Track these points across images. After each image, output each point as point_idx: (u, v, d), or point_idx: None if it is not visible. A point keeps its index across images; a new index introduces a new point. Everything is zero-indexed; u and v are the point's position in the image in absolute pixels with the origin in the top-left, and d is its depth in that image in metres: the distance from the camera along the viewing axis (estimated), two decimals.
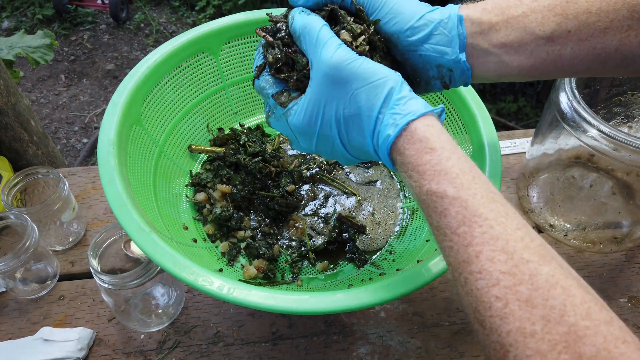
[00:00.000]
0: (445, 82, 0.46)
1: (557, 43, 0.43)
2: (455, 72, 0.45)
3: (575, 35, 0.42)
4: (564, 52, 0.43)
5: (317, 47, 0.40)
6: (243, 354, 0.60)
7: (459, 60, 0.44)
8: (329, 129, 0.42)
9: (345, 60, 0.39)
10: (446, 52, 0.44)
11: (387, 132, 0.38)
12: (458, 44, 0.43)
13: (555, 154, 0.71)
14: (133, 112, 0.59)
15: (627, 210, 0.68)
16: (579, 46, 0.43)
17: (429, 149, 0.36)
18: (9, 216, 0.62)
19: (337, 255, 0.65)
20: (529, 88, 2.21)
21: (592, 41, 0.42)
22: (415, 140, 0.37)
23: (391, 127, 0.38)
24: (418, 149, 0.37)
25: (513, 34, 0.43)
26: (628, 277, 0.68)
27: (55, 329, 0.60)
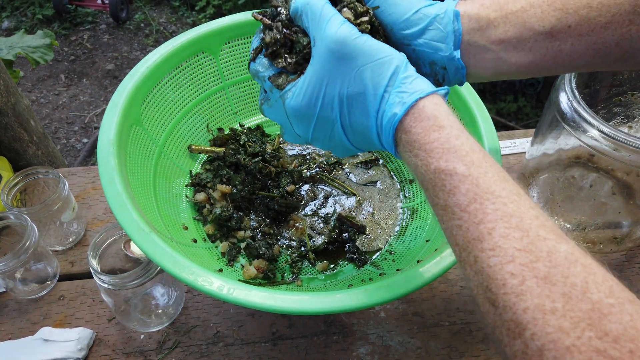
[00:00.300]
0: (438, 80, 0.45)
1: (556, 38, 0.42)
2: (449, 70, 0.44)
3: (576, 30, 0.42)
4: (563, 48, 0.42)
5: (320, 23, 0.39)
6: (243, 354, 0.60)
7: (452, 57, 0.43)
8: (330, 109, 0.41)
9: (351, 36, 0.38)
10: (440, 48, 0.43)
11: (393, 111, 0.37)
12: (453, 40, 0.43)
13: (555, 154, 0.70)
14: (133, 112, 0.59)
15: (627, 210, 0.68)
16: (579, 41, 0.42)
17: (438, 127, 0.35)
18: (9, 216, 0.62)
19: (337, 256, 0.65)
20: (529, 88, 2.21)
21: (592, 36, 0.42)
22: (423, 118, 0.36)
23: (398, 106, 0.37)
24: (426, 127, 0.35)
25: (512, 30, 0.42)
26: (628, 277, 0.68)
27: (55, 329, 0.60)
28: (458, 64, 0.43)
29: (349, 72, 0.39)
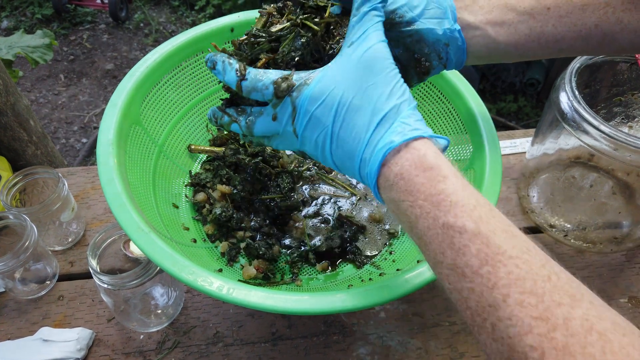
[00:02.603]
0: (441, 57, 0.47)
1: (537, 20, 0.45)
2: (451, 47, 0.46)
3: (555, 11, 0.44)
4: (545, 29, 0.45)
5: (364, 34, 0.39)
6: (243, 354, 0.60)
7: (454, 30, 0.45)
8: (327, 113, 0.39)
9: (385, 55, 0.38)
10: (443, 22, 0.45)
11: (391, 138, 0.36)
12: (451, 15, 0.45)
13: (555, 154, 0.70)
14: (132, 112, 0.59)
15: (627, 210, 0.68)
16: (560, 22, 0.45)
17: (443, 177, 0.34)
18: (8, 216, 0.62)
19: (337, 256, 0.65)
20: (529, 88, 2.21)
21: (571, 17, 0.44)
22: (425, 167, 0.34)
23: (398, 135, 0.36)
24: (430, 177, 0.34)
25: (495, 11, 0.45)
26: (628, 277, 0.68)
27: (55, 329, 0.60)
28: (459, 37, 0.45)
29: (362, 84, 0.38)
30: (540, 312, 0.28)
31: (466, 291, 0.31)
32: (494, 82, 2.27)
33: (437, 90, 0.66)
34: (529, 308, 0.28)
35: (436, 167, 0.34)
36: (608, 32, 0.44)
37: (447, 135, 0.65)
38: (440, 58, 0.47)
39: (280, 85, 0.41)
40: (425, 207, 0.33)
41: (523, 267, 0.29)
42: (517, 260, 0.30)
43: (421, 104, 0.69)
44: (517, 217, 0.75)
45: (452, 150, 0.65)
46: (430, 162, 0.34)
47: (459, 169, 0.49)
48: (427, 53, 0.46)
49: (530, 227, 0.73)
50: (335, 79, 0.39)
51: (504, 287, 0.29)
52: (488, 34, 0.45)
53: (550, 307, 0.28)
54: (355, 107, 0.38)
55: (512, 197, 0.77)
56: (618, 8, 0.44)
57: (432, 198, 0.33)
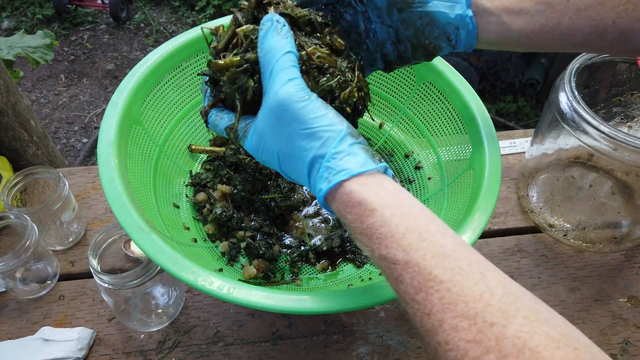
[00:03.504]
0: (450, 39, 0.47)
1: (556, 10, 0.44)
2: (462, 31, 0.46)
3: (574, 4, 0.44)
4: (562, 21, 0.44)
5: (270, 76, 0.39)
6: (243, 353, 0.60)
7: (466, 15, 0.45)
8: (270, 159, 0.41)
9: (290, 98, 0.37)
10: (455, 7, 0.45)
11: (320, 186, 0.37)
12: (464, 0, 0.45)
13: (554, 153, 0.71)
14: (133, 112, 0.59)
15: (626, 210, 0.68)
16: (577, 15, 0.44)
17: (370, 211, 0.34)
18: (9, 216, 0.62)
19: (337, 255, 0.65)
20: (529, 88, 2.21)
21: (589, 11, 0.44)
22: (354, 204, 0.35)
23: (324, 182, 0.37)
24: (359, 213, 0.35)
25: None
26: (627, 277, 0.68)
27: (55, 329, 0.60)
28: (470, 23, 0.45)
29: (284, 134, 0.38)
30: (474, 335, 0.28)
31: (411, 316, 0.32)
32: (494, 82, 2.27)
33: (437, 90, 0.66)
34: (462, 332, 0.29)
35: (363, 202, 0.35)
36: (625, 29, 0.44)
37: (447, 135, 0.66)
38: (449, 40, 0.47)
39: (229, 134, 0.44)
40: (363, 241, 0.35)
41: (454, 290, 0.30)
42: (448, 283, 0.30)
43: (421, 104, 0.69)
44: (517, 217, 0.75)
45: (451, 150, 0.65)
46: (356, 198, 0.35)
47: (459, 168, 0.49)
48: (436, 36, 0.47)
49: (530, 226, 0.73)
50: (263, 132, 0.40)
51: (439, 313, 0.30)
52: (503, 21, 0.45)
53: (482, 328, 0.28)
54: (288, 156, 0.39)
55: (511, 197, 0.77)
56: (638, 5, 0.43)
57: (365, 232, 0.35)
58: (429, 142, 0.69)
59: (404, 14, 0.46)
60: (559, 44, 0.46)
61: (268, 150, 0.41)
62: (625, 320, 0.63)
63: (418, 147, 0.71)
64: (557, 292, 0.66)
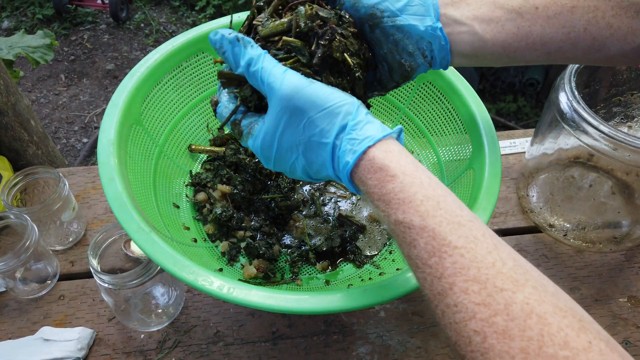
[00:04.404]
0: (426, 55, 0.46)
1: (525, 19, 0.44)
2: (435, 45, 0.45)
3: (543, 11, 0.44)
4: (534, 29, 0.44)
5: (265, 82, 0.40)
6: (243, 353, 0.60)
7: (436, 27, 0.45)
8: (289, 154, 0.41)
9: (297, 87, 0.38)
10: (425, 19, 0.45)
11: (345, 159, 0.38)
12: (433, 13, 0.45)
13: (554, 153, 0.71)
14: (133, 112, 0.59)
15: (626, 210, 0.68)
16: (548, 23, 0.44)
17: (390, 177, 0.35)
18: (9, 216, 0.62)
19: (337, 255, 0.65)
20: (529, 88, 2.21)
21: (560, 19, 0.44)
22: (375, 169, 0.36)
23: (349, 154, 0.37)
24: (379, 178, 0.36)
25: (483, 7, 0.45)
26: (627, 277, 0.68)
27: (55, 329, 0.60)
28: (442, 35, 0.45)
29: (300, 123, 0.39)
30: (483, 298, 0.29)
31: (421, 280, 0.33)
32: (494, 82, 2.27)
33: (437, 90, 0.66)
34: (472, 295, 0.30)
35: (384, 168, 0.36)
36: (597, 37, 0.44)
37: (447, 135, 0.66)
38: (424, 57, 0.46)
39: (233, 129, 0.44)
40: (380, 206, 0.36)
41: (467, 256, 0.31)
42: (462, 249, 0.31)
43: (421, 104, 0.69)
44: (517, 216, 0.75)
45: (451, 150, 0.65)
46: (378, 164, 0.36)
47: (459, 168, 0.49)
48: (410, 52, 0.46)
49: (530, 226, 0.73)
50: (278, 129, 0.40)
51: (450, 277, 0.31)
52: (475, 31, 0.45)
53: (492, 293, 0.29)
54: (308, 145, 0.40)
55: (511, 197, 0.77)
56: (607, 12, 0.43)
57: (383, 197, 0.36)
58: (429, 142, 0.69)
59: (376, 31, 0.46)
60: (535, 55, 0.46)
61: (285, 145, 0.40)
62: (625, 320, 0.63)
63: (418, 147, 0.71)
64: None
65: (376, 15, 0.45)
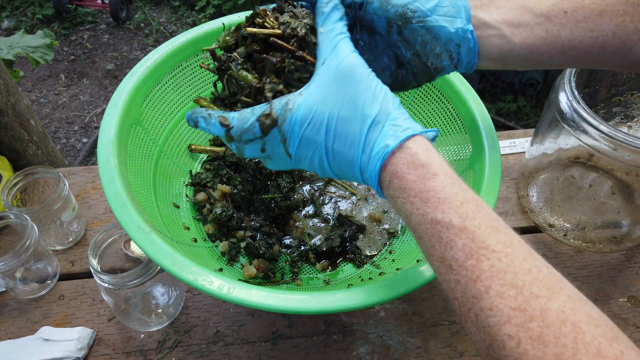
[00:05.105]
0: (452, 57, 0.46)
1: (554, 23, 0.44)
2: (463, 48, 0.45)
3: (572, 16, 0.44)
4: (562, 33, 0.44)
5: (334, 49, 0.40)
6: (243, 353, 0.60)
7: (467, 30, 0.44)
8: (316, 132, 0.39)
9: (358, 65, 0.39)
10: (455, 21, 0.44)
11: (385, 142, 0.37)
12: (464, 14, 0.44)
13: (554, 153, 0.71)
14: (133, 111, 0.59)
15: (626, 210, 0.69)
16: (577, 27, 0.44)
17: (432, 175, 0.35)
18: (9, 216, 0.62)
19: (337, 255, 0.65)
20: (529, 88, 2.21)
21: (588, 23, 0.43)
22: (417, 165, 0.36)
23: (391, 138, 0.37)
24: (420, 175, 0.35)
25: (512, 11, 0.45)
26: (627, 277, 0.68)
27: (55, 329, 0.60)
28: (472, 38, 0.45)
29: (345, 95, 0.39)
30: (519, 304, 0.29)
31: (453, 282, 0.33)
32: (494, 82, 2.27)
33: (437, 90, 0.66)
34: (508, 299, 0.30)
35: (426, 165, 0.36)
36: (626, 42, 0.43)
37: (447, 135, 0.66)
38: (451, 59, 0.46)
39: (264, 123, 0.41)
40: (416, 204, 0.35)
41: (505, 261, 0.31)
42: (500, 254, 0.31)
43: (421, 104, 0.69)
44: (517, 216, 0.75)
45: (451, 150, 0.65)
46: (421, 160, 0.36)
47: (459, 168, 0.50)
48: (438, 54, 0.46)
49: (530, 226, 0.73)
50: (317, 99, 0.39)
51: (487, 280, 0.31)
52: (504, 34, 0.45)
53: (529, 299, 0.29)
54: (344, 119, 0.39)
55: (511, 197, 0.77)
56: (636, 17, 0.43)
57: (421, 195, 0.35)
58: None
59: (404, 32, 0.45)
60: (562, 58, 0.46)
61: (318, 118, 0.39)
62: (625, 320, 0.63)
63: None
64: None
65: (406, 15, 0.44)
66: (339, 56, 0.39)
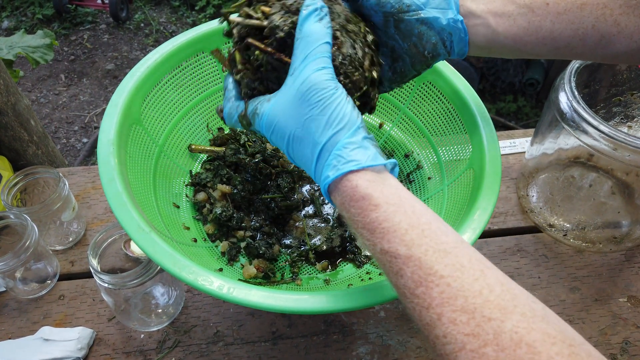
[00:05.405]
0: (446, 45, 0.48)
1: (537, 14, 0.46)
2: (455, 37, 0.47)
3: (553, 7, 0.45)
4: (544, 24, 0.46)
5: (304, 61, 0.39)
6: (243, 353, 0.60)
7: (457, 20, 0.46)
8: (279, 140, 0.41)
9: (320, 84, 0.38)
10: (447, 12, 0.46)
11: (327, 173, 0.38)
12: (454, 6, 0.46)
13: (554, 153, 0.71)
14: (133, 111, 0.59)
15: (626, 210, 0.69)
16: (558, 19, 0.45)
17: (374, 206, 0.35)
18: (9, 216, 0.62)
19: (337, 255, 0.65)
20: (529, 88, 2.21)
21: (569, 15, 0.45)
22: (358, 198, 0.36)
23: (332, 170, 0.37)
24: (362, 207, 0.36)
25: (497, 2, 0.47)
26: (627, 277, 0.68)
27: (55, 329, 0.60)
28: (462, 27, 0.46)
29: (301, 117, 0.39)
30: (472, 329, 0.29)
31: (410, 310, 0.33)
32: (494, 82, 2.27)
33: (437, 90, 0.66)
34: (461, 325, 0.29)
35: (367, 197, 0.36)
36: (605, 34, 0.45)
37: (447, 135, 0.66)
38: (445, 47, 0.48)
39: (241, 122, 0.45)
40: (364, 235, 0.36)
41: (454, 285, 0.31)
42: (449, 278, 0.31)
43: (421, 104, 0.69)
44: (517, 216, 0.75)
45: (451, 150, 0.65)
46: (361, 192, 0.36)
47: (459, 168, 0.49)
48: (434, 43, 0.48)
49: (530, 226, 0.73)
50: (279, 111, 0.40)
51: (438, 307, 0.31)
52: (488, 23, 0.46)
53: (481, 323, 0.29)
54: (299, 139, 0.39)
55: (511, 197, 0.77)
56: (616, 10, 0.44)
57: (367, 226, 0.35)
58: (429, 142, 0.69)
59: (400, 25, 0.47)
60: (544, 49, 0.47)
61: (279, 131, 0.41)
62: (625, 320, 0.63)
63: (418, 147, 0.71)
64: (557, 292, 0.66)
65: (402, 9, 0.46)
66: (304, 72, 0.39)
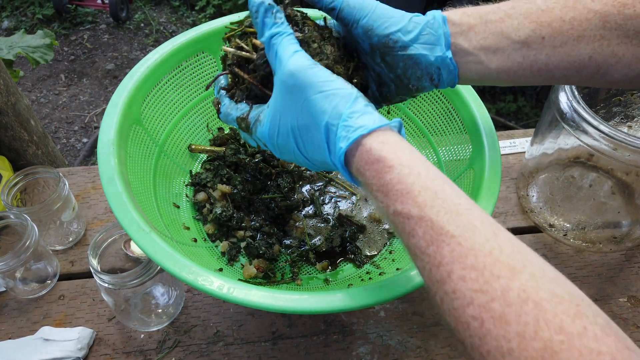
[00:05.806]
0: (433, 79, 0.48)
1: (532, 48, 0.45)
2: (443, 71, 0.47)
3: (549, 41, 0.44)
4: (539, 58, 0.45)
5: (277, 54, 0.41)
6: (243, 353, 0.60)
7: (446, 57, 0.46)
8: (286, 140, 0.42)
9: (301, 67, 0.39)
10: (435, 49, 0.46)
11: (339, 145, 0.38)
12: (444, 42, 0.46)
13: (554, 153, 0.71)
14: (133, 111, 0.59)
15: (626, 210, 0.69)
16: (554, 52, 0.45)
17: (388, 168, 0.36)
18: (9, 216, 0.62)
19: (337, 255, 0.65)
20: (529, 88, 2.21)
21: (565, 48, 0.44)
22: (372, 161, 0.37)
23: (343, 140, 0.38)
24: (377, 170, 0.36)
25: (491, 37, 0.45)
26: (627, 277, 0.68)
27: (55, 329, 0.60)
28: (451, 64, 0.46)
29: (297, 104, 0.40)
30: (480, 285, 0.30)
31: (420, 269, 0.35)
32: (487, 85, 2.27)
33: (437, 90, 0.66)
34: (470, 282, 0.30)
35: (381, 159, 0.36)
36: (602, 65, 0.44)
37: (447, 135, 0.66)
38: (432, 80, 0.48)
39: (240, 124, 0.45)
40: (379, 197, 0.37)
41: (465, 245, 0.32)
42: (460, 238, 0.32)
43: (421, 104, 0.69)
44: (517, 216, 0.75)
45: (451, 150, 0.65)
46: (375, 155, 0.37)
47: (459, 168, 0.49)
48: (419, 77, 0.48)
49: (530, 226, 0.73)
50: (279, 110, 0.41)
51: (448, 264, 0.32)
52: (481, 60, 0.46)
53: (490, 280, 0.30)
54: (305, 127, 0.40)
55: (511, 197, 0.77)
56: (613, 41, 0.44)
57: (381, 189, 0.36)
58: (429, 142, 0.69)
59: (387, 58, 0.47)
60: (539, 79, 0.47)
61: (283, 129, 0.41)
62: (625, 320, 0.63)
63: (418, 146, 0.71)
64: None
65: (388, 44, 0.46)
66: (282, 65, 0.40)
